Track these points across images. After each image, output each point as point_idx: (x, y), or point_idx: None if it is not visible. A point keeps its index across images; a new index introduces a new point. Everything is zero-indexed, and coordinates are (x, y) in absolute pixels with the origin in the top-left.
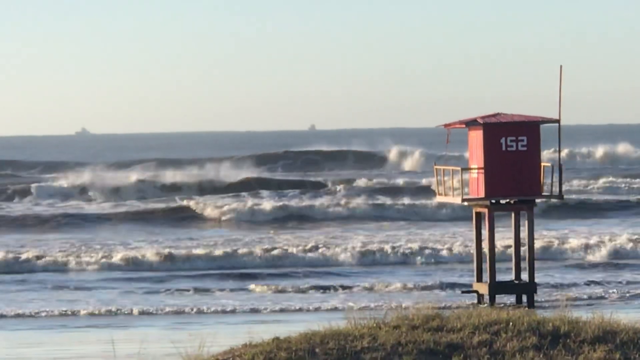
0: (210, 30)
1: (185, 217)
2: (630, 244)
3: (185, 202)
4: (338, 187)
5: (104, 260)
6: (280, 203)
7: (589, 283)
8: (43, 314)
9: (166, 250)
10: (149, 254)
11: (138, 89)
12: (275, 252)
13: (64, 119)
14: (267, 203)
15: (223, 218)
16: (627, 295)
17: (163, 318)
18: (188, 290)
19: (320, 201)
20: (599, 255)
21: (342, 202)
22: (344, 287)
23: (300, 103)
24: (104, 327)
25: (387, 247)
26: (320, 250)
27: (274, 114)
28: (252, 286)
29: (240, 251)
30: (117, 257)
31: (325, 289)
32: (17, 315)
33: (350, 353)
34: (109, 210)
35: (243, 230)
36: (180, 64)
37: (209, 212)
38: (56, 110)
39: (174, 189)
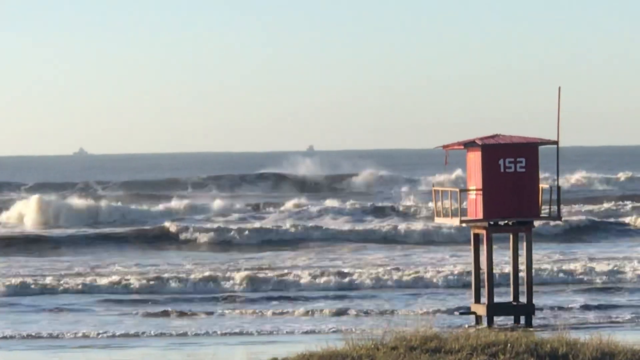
0: (206, 52)
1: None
2: None
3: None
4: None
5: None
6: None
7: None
8: (43, 334)
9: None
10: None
11: (138, 109)
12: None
13: (63, 139)
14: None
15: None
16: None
17: (160, 339)
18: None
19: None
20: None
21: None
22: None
23: (299, 123)
24: (101, 348)
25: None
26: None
27: (272, 135)
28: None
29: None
30: (103, 280)
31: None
32: (17, 337)
33: None
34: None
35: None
36: (180, 84)
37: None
38: (55, 130)
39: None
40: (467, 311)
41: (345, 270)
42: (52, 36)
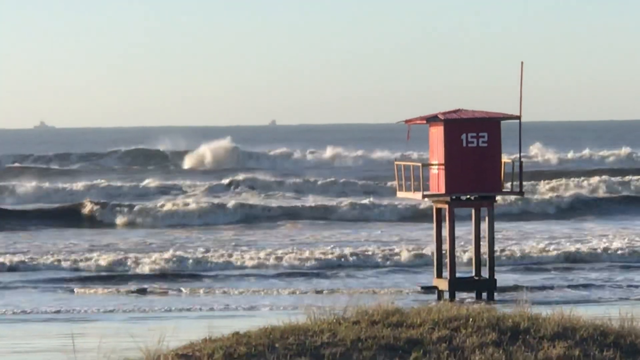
0: (170, 23)
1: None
2: None
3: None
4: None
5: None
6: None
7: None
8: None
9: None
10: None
11: (101, 82)
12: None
13: (24, 112)
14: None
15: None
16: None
17: (122, 313)
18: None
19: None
20: None
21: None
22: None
23: (262, 98)
24: (64, 322)
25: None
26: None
27: (236, 109)
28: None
29: None
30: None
31: None
32: None
33: (310, 348)
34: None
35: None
36: (144, 56)
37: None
38: (16, 104)
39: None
40: (429, 285)
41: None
42: (14, 4)
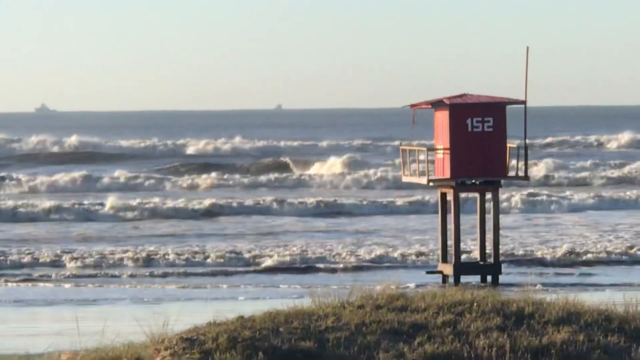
0: (178, 9)
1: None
2: None
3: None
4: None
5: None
6: None
7: None
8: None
9: None
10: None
11: (105, 65)
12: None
13: (25, 95)
14: None
15: None
16: None
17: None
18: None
19: None
20: None
21: None
22: None
23: (268, 83)
24: (67, 305)
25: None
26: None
27: (241, 94)
28: None
29: None
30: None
31: None
32: None
33: (315, 332)
34: None
35: None
36: (152, 41)
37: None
38: (16, 87)
39: None
40: (434, 270)
41: None
42: None
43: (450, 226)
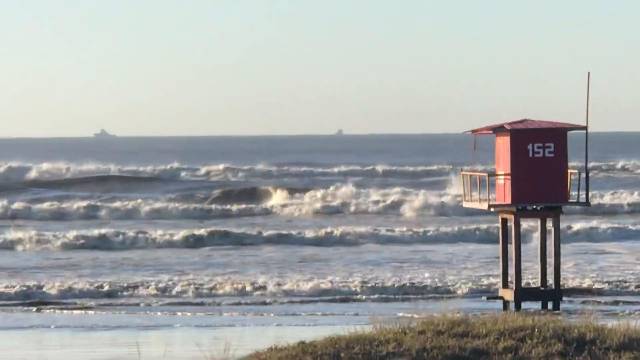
0: (229, 34)
1: None
2: None
3: None
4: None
5: None
6: None
7: None
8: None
9: None
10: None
11: (159, 91)
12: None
13: (84, 120)
14: None
15: None
16: None
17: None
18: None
19: None
20: None
21: None
22: None
23: (329, 107)
24: (128, 329)
25: None
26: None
27: (301, 118)
28: None
29: None
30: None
31: None
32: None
33: (376, 358)
34: None
35: None
36: (205, 66)
37: None
38: (75, 112)
39: None
40: (494, 296)
41: None
42: (72, 16)
43: (511, 252)
